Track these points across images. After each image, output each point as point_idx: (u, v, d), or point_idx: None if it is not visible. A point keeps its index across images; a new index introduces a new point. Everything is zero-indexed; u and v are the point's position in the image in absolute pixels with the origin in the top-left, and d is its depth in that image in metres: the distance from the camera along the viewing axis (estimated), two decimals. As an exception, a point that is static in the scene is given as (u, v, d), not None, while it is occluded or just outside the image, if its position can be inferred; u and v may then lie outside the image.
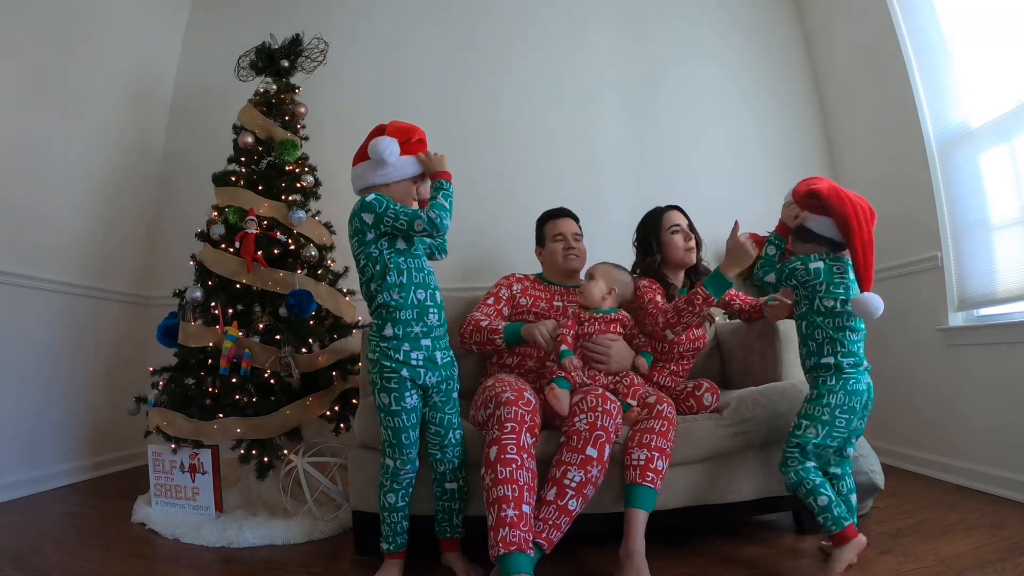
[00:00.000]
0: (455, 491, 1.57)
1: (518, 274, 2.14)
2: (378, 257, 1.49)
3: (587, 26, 3.13)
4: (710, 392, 1.75)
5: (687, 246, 2.01)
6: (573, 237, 2.14)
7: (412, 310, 1.49)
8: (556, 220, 2.19)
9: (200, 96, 3.13)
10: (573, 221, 2.20)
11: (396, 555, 1.54)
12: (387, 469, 1.53)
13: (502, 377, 1.71)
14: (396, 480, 1.52)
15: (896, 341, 2.62)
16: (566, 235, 2.13)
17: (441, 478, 1.57)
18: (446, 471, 1.56)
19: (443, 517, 1.59)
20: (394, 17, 3.15)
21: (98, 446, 2.67)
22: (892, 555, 1.55)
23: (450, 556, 1.58)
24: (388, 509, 1.53)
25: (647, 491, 1.50)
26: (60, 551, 1.70)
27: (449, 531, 1.59)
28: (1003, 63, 2.08)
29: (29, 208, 2.37)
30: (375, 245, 1.50)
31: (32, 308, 2.39)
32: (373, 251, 1.50)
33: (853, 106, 2.88)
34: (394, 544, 1.54)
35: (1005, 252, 2.12)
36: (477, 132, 3.03)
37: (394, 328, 1.47)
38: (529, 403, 1.57)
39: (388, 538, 1.54)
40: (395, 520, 1.54)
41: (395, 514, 1.54)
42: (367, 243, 1.49)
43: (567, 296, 2.07)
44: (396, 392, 1.47)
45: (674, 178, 2.98)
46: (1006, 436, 2.04)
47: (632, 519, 1.47)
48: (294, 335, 2.09)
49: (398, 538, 1.54)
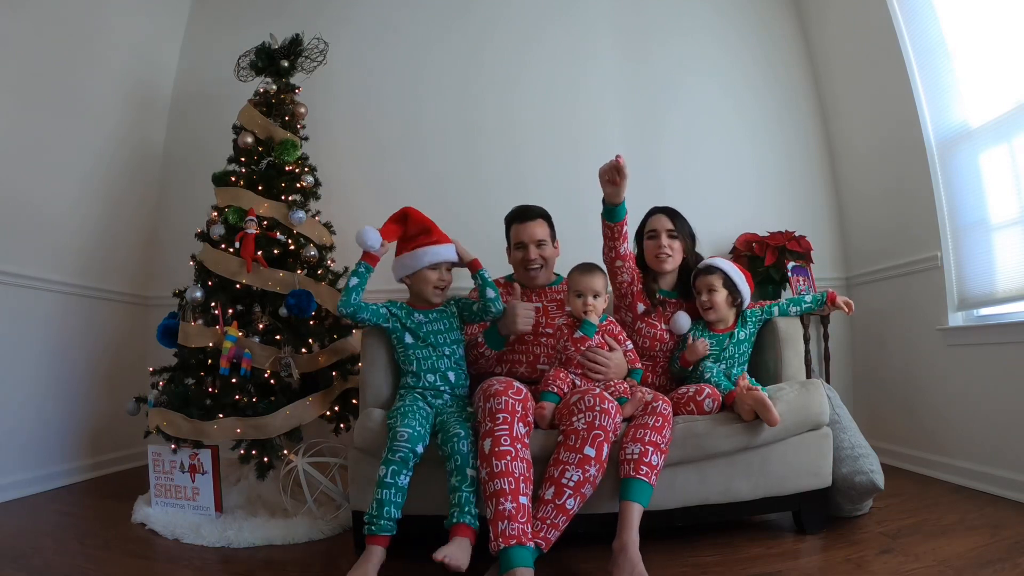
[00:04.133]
0: (475, 477, 1.50)
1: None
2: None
3: (591, 36, 3.13)
4: (711, 398, 1.73)
5: (658, 252, 1.96)
6: (536, 244, 2.01)
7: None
8: (519, 225, 2.05)
9: (200, 96, 3.13)
10: (538, 224, 2.04)
11: (375, 538, 1.47)
12: (390, 425, 1.58)
13: (492, 378, 1.72)
14: (391, 450, 1.52)
15: (896, 341, 2.62)
16: (527, 245, 2.01)
17: (464, 462, 1.52)
18: (468, 452, 1.53)
19: (463, 504, 1.49)
20: (395, 17, 3.15)
21: (98, 446, 2.67)
22: (892, 555, 1.55)
23: (463, 541, 1.42)
24: (377, 483, 1.50)
25: (641, 484, 1.49)
26: (60, 551, 1.70)
27: (467, 519, 1.47)
28: (1003, 63, 2.08)
29: (29, 208, 2.37)
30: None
31: (32, 308, 2.39)
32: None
33: (853, 106, 2.88)
34: (375, 525, 1.47)
35: (1005, 252, 2.12)
36: (482, 132, 3.03)
37: None
38: (520, 392, 1.58)
39: (370, 515, 1.48)
40: (381, 496, 1.48)
41: (382, 490, 1.48)
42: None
43: (545, 296, 2.05)
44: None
45: (675, 179, 2.97)
46: (1006, 436, 2.04)
47: (626, 512, 1.46)
48: (294, 335, 2.09)
49: (381, 520, 1.47)
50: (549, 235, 2.08)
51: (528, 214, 2.07)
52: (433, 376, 1.78)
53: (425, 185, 2.98)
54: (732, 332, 1.91)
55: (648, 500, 1.50)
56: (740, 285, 1.91)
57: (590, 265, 1.84)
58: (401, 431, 1.55)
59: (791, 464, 1.71)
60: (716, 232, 2.73)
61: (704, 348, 1.88)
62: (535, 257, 2.02)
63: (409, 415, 1.62)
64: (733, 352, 1.90)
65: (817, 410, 1.73)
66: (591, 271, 1.81)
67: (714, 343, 1.91)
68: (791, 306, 1.96)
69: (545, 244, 2.05)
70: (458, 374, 1.83)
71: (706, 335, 1.92)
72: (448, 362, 1.81)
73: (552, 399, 1.69)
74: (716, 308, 1.89)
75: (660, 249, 1.96)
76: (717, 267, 1.91)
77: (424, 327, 1.82)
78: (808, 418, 1.72)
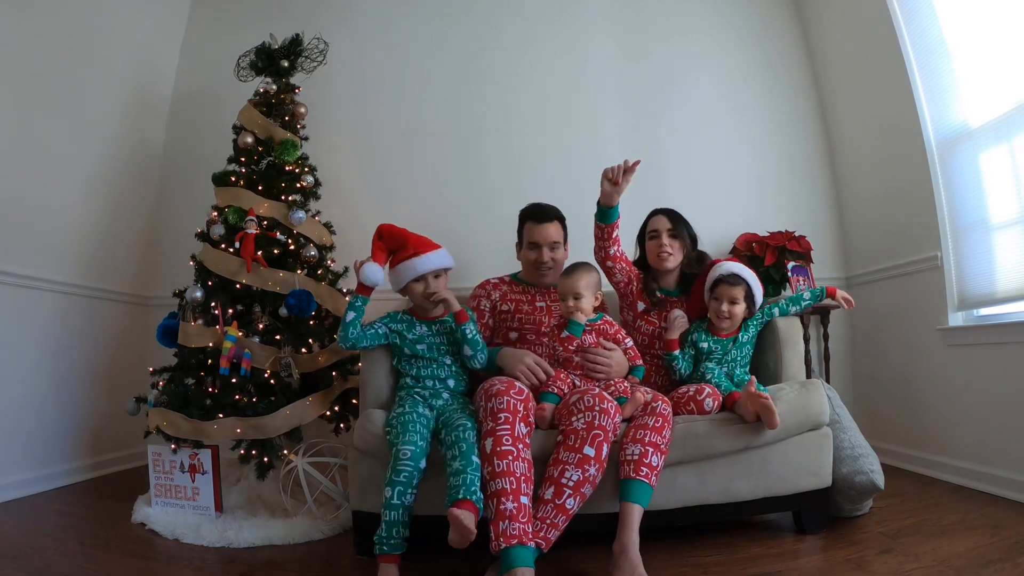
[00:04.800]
0: (480, 466, 1.49)
1: (493, 279, 2.13)
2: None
3: (589, 34, 3.12)
4: (711, 398, 1.73)
5: (659, 252, 2.00)
6: (550, 247, 2.03)
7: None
8: (535, 225, 2.05)
9: (200, 96, 3.13)
10: (554, 225, 2.06)
11: (387, 558, 1.47)
12: (390, 430, 1.59)
13: (494, 378, 1.72)
14: (394, 470, 1.50)
15: (896, 341, 2.62)
16: (541, 246, 2.03)
17: (470, 450, 1.51)
18: (475, 442, 1.52)
19: (467, 484, 1.45)
20: (394, 16, 3.15)
21: (98, 446, 2.67)
22: (892, 555, 1.55)
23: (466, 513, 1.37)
24: (384, 504, 1.49)
25: (641, 485, 1.49)
26: (60, 551, 1.70)
27: (473, 497, 1.42)
28: (1003, 63, 2.07)
29: (29, 208, 2.37)
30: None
31: (32, 308, 2.39)
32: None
33: (853, 106, 2.87)
34: (386, 545, 1.47)
35: (1005, 252, 2.12)
36: (482, 131, 3.04)
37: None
38: (521, 392, 1.59)
39: (380, 537, 1.47)
40: (390, 519, 1.47)
41: (390, 511, 1.48)
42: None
43: (549, 296, 2.06)
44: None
45: (674, 178, 2.97)
46: (1006, 436, 2.04)
47: (626, 513, 1.46)
48: (294, 335, 2.09)
49: (391, 540, 1.47)
50: (562, 237, 2.09)
51: (545, 215, 2.07)
52: (432, 381, 1.80)
53: (425, 184, 2.98)
54: (736, 336, 1.91)
55: (648, 501, 1.50)
56: (758, 298, 1.92)
57: (574, 267, 1.82)
58: (404, 449, 1.53)
59: (791, 464, 1.71)
60: (716, 232, 2.72)
61: (683, 322, 1.93)
62: (547, 260, 2.03)
63: (409, 427, 1.59)
64: (736, 355, 1.90)
65: (817, 410, 1.73)
66: (573, 273, 1.80)
67: (718, 348, 1.90)
68: (791, 306, 1.96)
69: (558, 247, 2.06)
70: (457, 381, 1.84)
71: (710, 339, 1.91)
72: (448, 371, 1.82)
73: (552, 400, 1.69)
74: (734, 320, 1.88)
75: (661, 248, 1.99)
76: (743, 279, 1.88)
77: (427, 339, 1.83)
78: (808, 418, 1.72)
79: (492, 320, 2.05)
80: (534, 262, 2.05)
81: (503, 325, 2.04)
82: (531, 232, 2.06)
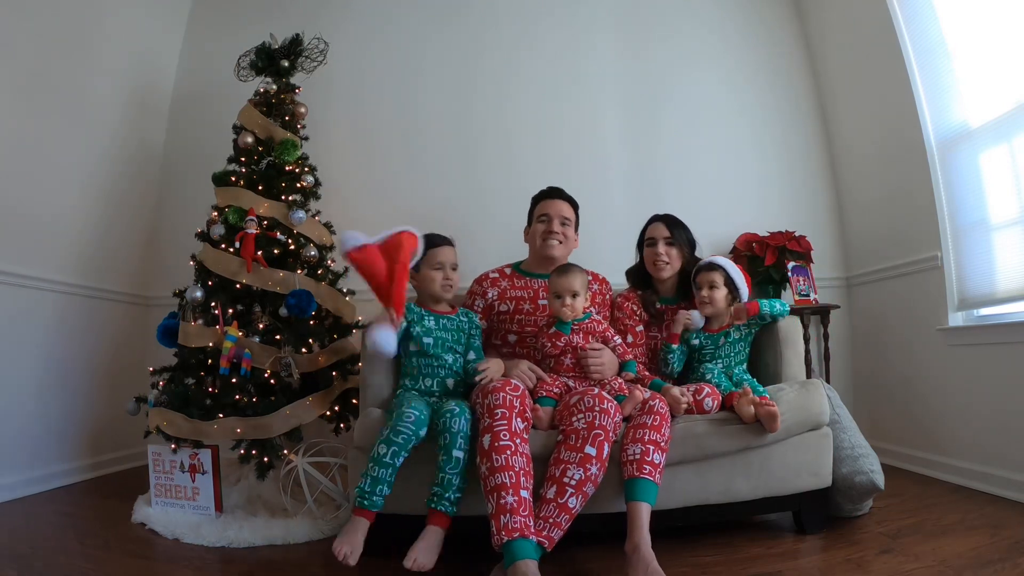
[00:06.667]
0: (460, 460, 1.52)
1: (491, 272, 2.11)
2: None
3: (589, 33, 3.12)
4: (711, 397, 1.74)
5: (655, 261, 2.02)
6: (560, 220, 2.02)
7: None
8: (545, 200, 2.06)
9: (200, 96, 3.13)
10: (566, 204, 2.06)
11: (363, 512, 1.49)
12: (389, 418, 1.58)
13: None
14: (394, 430, 1.52)
15: (896, 341, 2.62)
16: (551, 217, 2.02)
17: (452, 442, 1.53)
18: (459, 432, 1.53)
19: (443, 488, 1.51)
20: (395, 17, 3.15)
21: (98, 446, 2.67)
22: (892, 555, 1.55)
23: (433, 534, 1.46)
24: (373, 459, 1.51)
25: (645, 483, 1.49)
26: (60, 551, 1.70)
27: (448, 506, 1.49)
28: (1003, 63, 2.08)
29: (29, 208, 2.37)
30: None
31: (32, 308, 2.39)
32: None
33: (853, 106, 2.88)
34: (367, 500, 1.48)
35: (1005, 252, 2.12)
36: (482, 130, 3.04)
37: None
38: (516, 388, 1.60)
39: (361, 490, 1.49)
40: (377, 475, 1.50)
41: (378, 468, 1.50)
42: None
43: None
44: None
45: (674, 178, 2.98)
46: (1006, 436, 2.04)
47: (634, 512, 1.46)
48: (294, 335, 2.08)
49: (372, 496, 1.49)
50: (574, 221, 2.09)
51: (559, 193, 2.09)
52: (431, 381, 1.80)
53: (424, 184, 2.99)
54: (727, 331, 1.92)
55: (655, 498, 1.49)
56: (740, 285, 1.95)
57: (569, 266, 1.85)
58: (408, 412, 1.56)
59: (791, 464, 1.71)
60: (716, 232, 2.73)
61: (686, 320, 1.93)
62: (558, 230, 2.02)
63: (414, 401, 1.64)
64: (729, 351, 1.91)
65: (817, 410, 1.73)
66: (569, 272, 1.81)
67: (709, 343, 1.93)
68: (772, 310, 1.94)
69: (569, 224, 2.06)
70: (456, 380, 1.84)
71: (701, 335, 1.94)
72: (448, 371, 1.82)
73: (547, 403, 1.70)
74: (714, 303, 1.92)
75: (657, 257, 2.02)
76: (719, 265, 1.95)
77: (434, 333, 1.83)
78: (808, 418, 1.72)
79: (487, 321, 2.04)
80: (543, 233, 2.02)
81: (502, 327, 2.03)
82: (543, 206, 2.07)
